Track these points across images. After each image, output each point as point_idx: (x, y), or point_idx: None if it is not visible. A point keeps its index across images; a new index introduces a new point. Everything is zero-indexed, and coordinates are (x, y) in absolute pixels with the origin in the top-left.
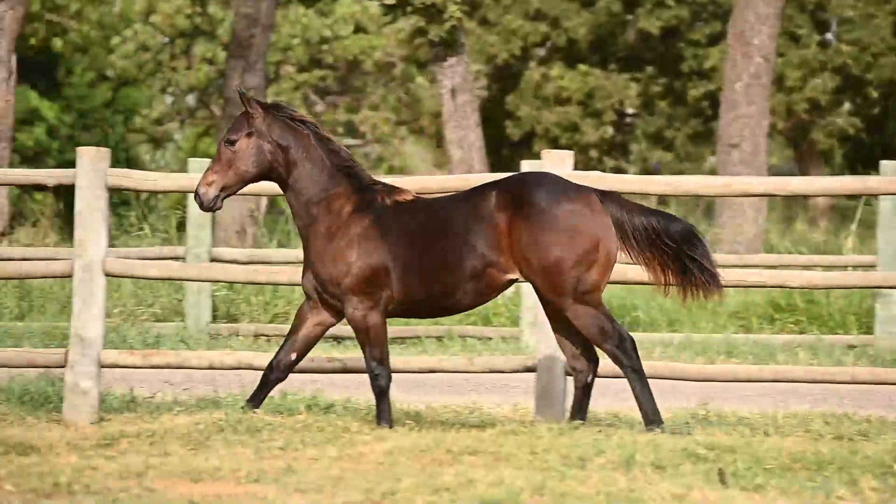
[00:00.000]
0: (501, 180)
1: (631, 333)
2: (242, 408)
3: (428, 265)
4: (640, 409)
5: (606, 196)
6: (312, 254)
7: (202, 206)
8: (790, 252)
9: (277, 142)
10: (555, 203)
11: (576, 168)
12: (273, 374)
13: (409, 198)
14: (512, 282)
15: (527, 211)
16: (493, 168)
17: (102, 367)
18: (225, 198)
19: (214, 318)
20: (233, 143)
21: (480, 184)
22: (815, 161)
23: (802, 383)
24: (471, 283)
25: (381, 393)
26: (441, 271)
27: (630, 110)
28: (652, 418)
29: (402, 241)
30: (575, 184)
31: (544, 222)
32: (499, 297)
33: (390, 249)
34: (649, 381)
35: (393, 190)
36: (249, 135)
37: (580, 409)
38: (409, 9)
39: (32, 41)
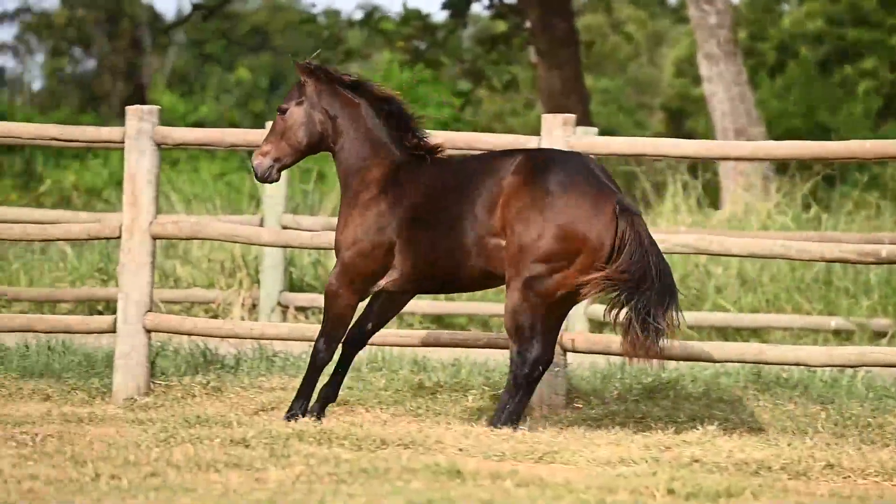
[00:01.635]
0: (539, 149)
1: None
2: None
3: (437, 232)
4: (497, 409)
5: (627, 211)
6: (339, 220)
7: (257, 177)
8: None
9: (326, 110)
10: (562, 189)
11: None
12: (349, 349)
13: (440, 157)
14: None
15: (532, 183)
16: None
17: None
18: (280, 169)
19: (291, 289)
20: (284, 112)
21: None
22: None
23: None
24: (474, 251)
25: (315, 370)
26: (449, 237)
27: None
28: (501, 421)
29: (418, 209)
30: (601, 181)
31: (540, 202)
32: None
33: (403, 225)
34: None
35: (427, 151)
36: (300, 103)
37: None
38: None
39: None
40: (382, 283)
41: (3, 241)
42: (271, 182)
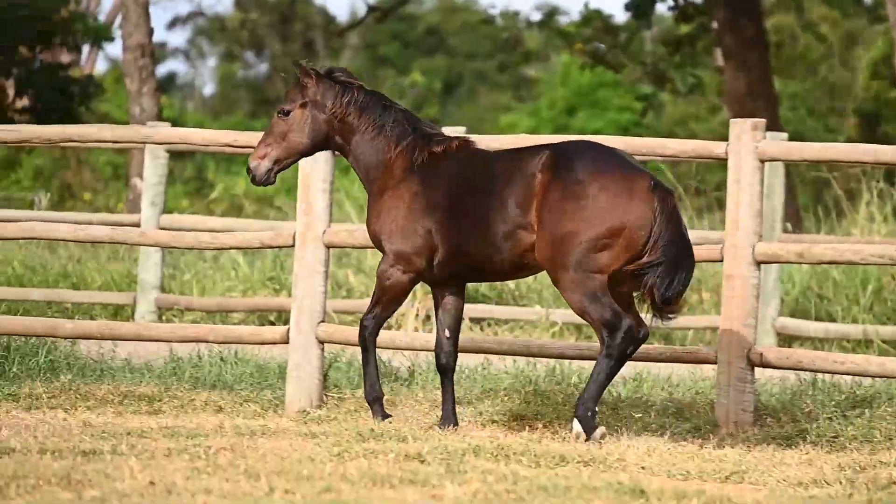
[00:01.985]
0: (562, 143)
1: None
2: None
3: (468, 221)
4: (585, 388)
5: (659, 188)
6: (369, 212)
7: (255, 181)
8: None
9: (334, 110)
10: (594, 175)
11: None
12: (443, 361)
13: (463, 150)
14: None
15: (563, 177)
16: None
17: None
18: (279, 171)
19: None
20: (287, 113)
21: (541, 143)
22: None
23: None
24: (506, 244)
25: (364, 349)
26: (479, 228)
27: None
28: (587, 404)
29: (447, 197)
30: (630, 162)
31: (573, 191)
32: None
33: (436, 208)
34: None
35: (449, 142)
36: (304, 105)
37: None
38: None
39: None
40: (426, 265)
41: (175, 249)
42: (268, 185)
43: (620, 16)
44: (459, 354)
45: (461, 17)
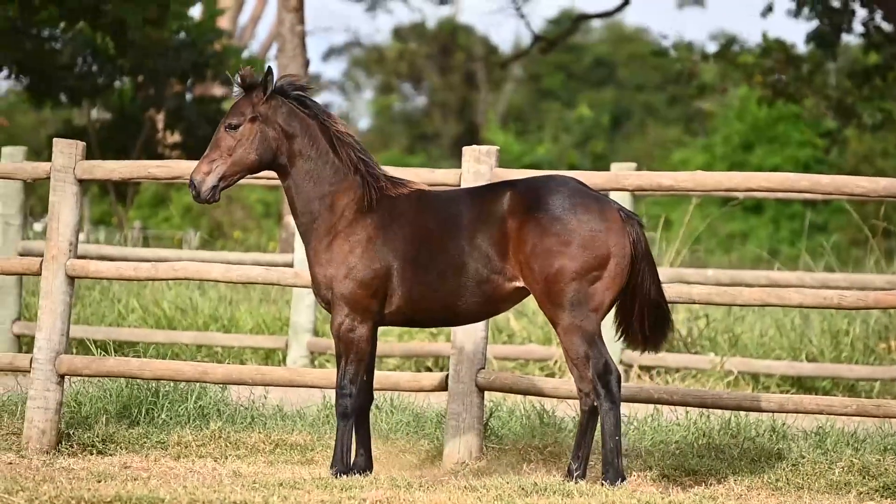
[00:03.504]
0: (519, 180)
1: None
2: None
3: (432, 267)
4: (603, 447)
5: (630, 217)
6: (310, 253)
7: (198, 198)
8: None
9: (283, 128)
10: (569, 210)
11: None
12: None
13: (418, 192)
14: (520, 290)
15: (538, 216)
16: None
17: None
18: (224, 188)
19: None
20: (235, 127)
21: (496, 181)
22: None
23: None
24: (476, 290)
25: (344, 416)
26: (445, 274)
27: None
28: (610, 461)
29: (407, 241)
30: (597, 194)
31: (553, 229)
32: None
33: (394, 252)
34: None
35: (402, 184)
36: (253, 119)
37: (584, 434)
38: None
39: None
40: (385, 311)
41: None
42: (213, 202)
43: (802, 46)
44: (629, 404)
45: (630, 48)
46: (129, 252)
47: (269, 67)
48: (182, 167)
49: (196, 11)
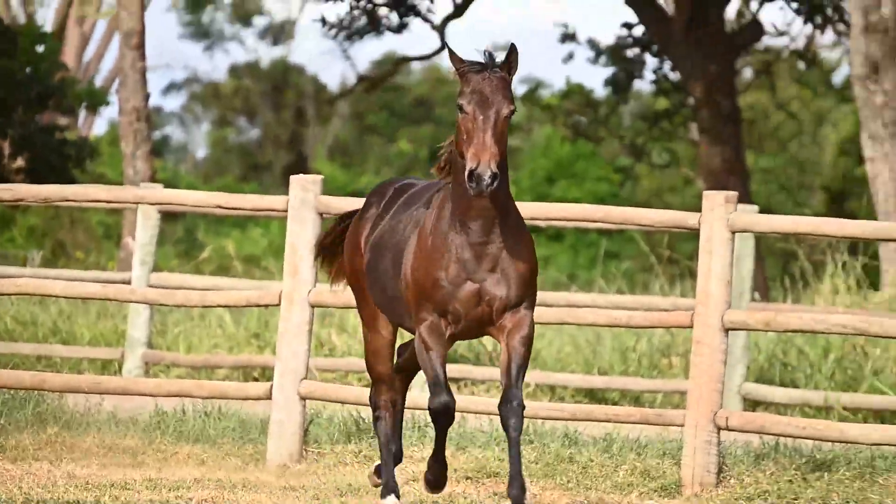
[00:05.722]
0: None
1: None
2: None
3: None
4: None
5: None
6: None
7: (490, 186)
8: None
9: None
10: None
11: None
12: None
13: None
14: None
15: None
16: None
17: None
18: None
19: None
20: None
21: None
22: None
23: None
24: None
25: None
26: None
27: None
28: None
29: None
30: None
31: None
32: None
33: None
34: None
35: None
36: None
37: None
38: None
39: None
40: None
41: (164, 306)
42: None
43: (600, 90)
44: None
45: (447, 89)
46: None
47: (513, 44)
48: (26, 190)
49: (41, 47)
